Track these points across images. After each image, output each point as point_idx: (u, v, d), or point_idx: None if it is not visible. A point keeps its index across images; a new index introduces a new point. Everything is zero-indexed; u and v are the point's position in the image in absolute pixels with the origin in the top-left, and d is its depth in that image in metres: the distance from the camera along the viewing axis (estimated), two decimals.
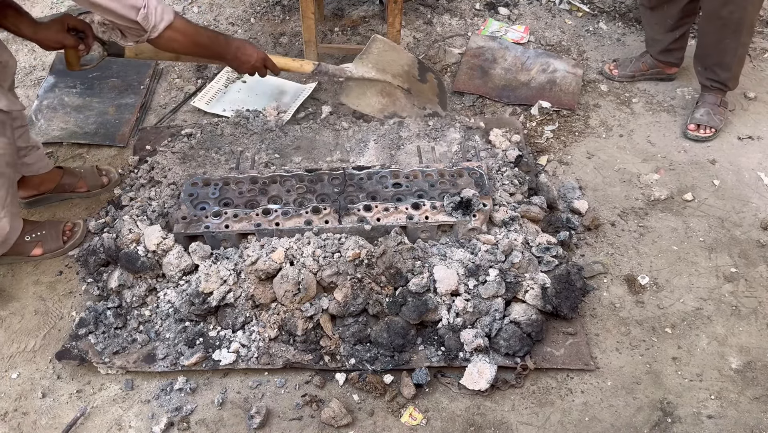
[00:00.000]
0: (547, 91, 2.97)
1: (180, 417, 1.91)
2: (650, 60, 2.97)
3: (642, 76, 3.02)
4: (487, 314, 2.02)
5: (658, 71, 3.00)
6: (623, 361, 2.05)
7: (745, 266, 2.32)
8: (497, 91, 2.97)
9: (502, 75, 3.05)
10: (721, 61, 2.65)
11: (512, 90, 2.98)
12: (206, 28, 2.45)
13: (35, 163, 2.34)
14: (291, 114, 2.80)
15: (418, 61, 2.81)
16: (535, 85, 3.00)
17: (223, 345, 2.02)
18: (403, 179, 2.26)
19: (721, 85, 2.72)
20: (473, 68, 3.07)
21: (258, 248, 2.08)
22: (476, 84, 3.00)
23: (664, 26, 2.81)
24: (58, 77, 3.00)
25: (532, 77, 3.04)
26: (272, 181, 2.25)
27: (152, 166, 2.47)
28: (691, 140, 2.74)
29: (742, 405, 1.96)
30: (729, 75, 2.69)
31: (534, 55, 3.15)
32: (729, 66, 2.66)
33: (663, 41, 2.86)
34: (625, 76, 3.01)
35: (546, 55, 3.16)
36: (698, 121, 2.73)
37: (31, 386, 2.00)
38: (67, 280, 2.25)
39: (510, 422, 1.91)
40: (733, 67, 2.66)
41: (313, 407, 1.92)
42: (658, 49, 2.91)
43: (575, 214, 2.44)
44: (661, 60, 2.95)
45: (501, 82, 3.02)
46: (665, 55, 2.92)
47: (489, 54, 3.14)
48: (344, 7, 3.44)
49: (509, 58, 3.13)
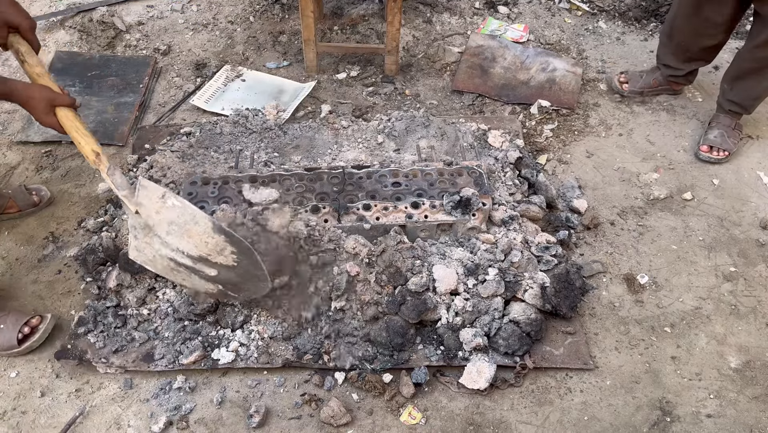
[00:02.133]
0: (546, 90, 2.96)
1: (179, 416, 1.91)
2: (661, 77, 2.90)
3: (651, 92, 2.94)
4: (487, 313, 2.02)
5: (668, 88, 2.93)
6: (622, 360, 2.05)
7: (744, 265, 2.32)
8: (497, 90, 2.97)
9: (502, 74, 3.05)
10: (750, 88, 2.57)
11: (512, 89, 2.98)
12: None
13: None
14: (290, 113, 2.79)
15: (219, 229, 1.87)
16: (534, 84, 3.00)
17: (222, 344, 2.02)
18: (402, 178, 2.25)
19: (740, 109, 2.64)
20: (473, 67, 3.06)
21: None
22: (476, 83, 3.00)
23: (682, 57, 2.74)
24: (57, 76, 2.99)
25: (532, 76, 3.03)
26: (271, 180, 2.25)
27: (151, 164, 2.47)
28: (703, 161, 2.66)
29: (740, 404, 1.96)
30: (754, 104, 2.62)
31: (533, 54, 3.15)
32: (758, 95, 2.59)
33: (679, 69, 2.80)
34: (634, 92, 2.94)
35: (545, 54, 3.16)
36: (711, 142, 2.65)
37: (30, 385, 2.00)
38: (66, 279, 2.25)
39: (509, 421, 1.91)
40: (761, 98, 2.61)
41: (312, 406, 1.92)
42: (669, 74, 2.85)
43: (575, 213, 2.44)
44: (672, 81, 2.88)
45: (500, 81, 3.01)
46: (676, 78, 2.86)
47: (488, 53, 3.14)
48: (344, 6, 3.43)
49: (509, 57, 3.13)
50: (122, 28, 3.27)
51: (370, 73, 3.07)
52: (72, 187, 2.55)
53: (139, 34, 3.27)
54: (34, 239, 2.38)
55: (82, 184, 2.56)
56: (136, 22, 3.33)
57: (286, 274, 1.97)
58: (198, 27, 3.33)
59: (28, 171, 2.61)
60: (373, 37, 3.26)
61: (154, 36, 3.26)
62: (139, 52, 3.18)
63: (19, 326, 2.02)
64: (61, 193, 2.53)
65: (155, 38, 3.25)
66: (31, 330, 2.04)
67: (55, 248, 2.34)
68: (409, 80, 3.05)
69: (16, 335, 2.00)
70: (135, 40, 3.24)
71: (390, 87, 3.00)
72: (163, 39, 3.25)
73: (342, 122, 2.72)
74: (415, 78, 3.06)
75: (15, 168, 2.63)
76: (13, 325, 2.02)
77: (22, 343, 2.01)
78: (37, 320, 2.06)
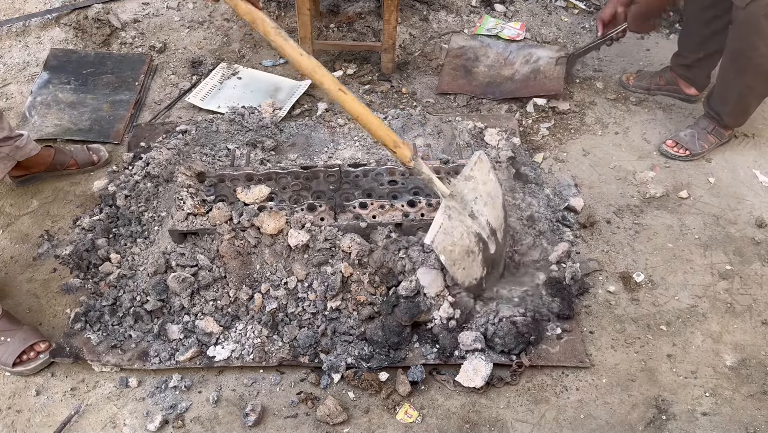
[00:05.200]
0: (531, 81, 2.94)
1: (175, 415, 1.90)
2: (669, 75, 2.88)
3: (658, 91, 2.92)
4: (480, 313, 2.03)
5: (676, 88, 2.88)
6: (618, 358, 2.05)
7: (739, 263, 2.32)
8: (482, 89, 2.94)
9: (486, 72, 3.02)
10: (722, 94, 2.54)
11: (497, 86, 2.96)
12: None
13: (25, 146, 2.31)
14: (286, 111, 2.79)
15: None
16: (519, 77, 2.98)
17: (218, 342, 2.02)
18: (399, 176, 2.25)
19: (716, 114, 2.60)
20: (456, 68, 3.04)
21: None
22: (460, 83, 2.97)
23: (691, 43, 2.71)
24: (52, 73, 2.98)
25: (516, 70, 3.01)
26: (267, 178, 2.24)
27: (147, 162, 2.46)
28: (663, 155, 2.66)
29: (736, 402, 1.96)
30: (726, 109, 2.55)
31: (516, 49, 3.13)
32: (727, 101, 2.53)
33: (687, 57, 2.76)
34: (640, 87, 2.93)
35: (528, 46, 3.14)
36: (679, 139, 2.65)
37: (25, 384, 1.99)
38: (61, 277, 2.24)
39: (505, 419, 1.91)
40: (732, 104, 2.53)
41: (309, 405, 1.92)
42: (679, 62, 2.81)
43: (571, 211, 2.44)
44: (680, 74, 2.84)
45: (485, 80, 2.99)
46: (685, 69, 2.81)
47: (471, 53, 3.12)
48: (340, 4, 3.43)
49: (492, 55, 3.11)
50: (118, 25, 3.26)
51: (366, 71, 3.07)
52: (67, 186, 2.54)
53: (134, 32, 3.26)
54: (29, 237, 2.37)
55: (78, 183, 2.55)
56: (131, 19, 3.32)
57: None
58: (194, 24, 3.31)
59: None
60: (369, 35, 3.25)
61: (150, 33, 3.25)
62: (134, 50, 3.16)
63: (24, 347, 1.98)
64: (56, 192, 2.52)
65: (151, 36, 3.24)
66: (34, 356, 2.00)
67: (50, 247, 2.33)
68: (406, 78, 3.05)
69: (15, 358, 1.97)
70: (130, 37, 3.22)
71: (386, 85, 3.00)
72: (158, 36, 3.24)
73: (338, 120, 2.71)
74: (412, 76, 3.06)
75: None
76: (19, 344, 1.98)
77: (15, 366, 1.98)
78: (45, 346, 2.01)
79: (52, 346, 2.02)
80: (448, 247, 1.87)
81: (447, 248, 1.87)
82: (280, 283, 2.07)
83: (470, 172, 1.96)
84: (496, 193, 2.03)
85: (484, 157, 2.02)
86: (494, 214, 2.01)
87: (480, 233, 1.96)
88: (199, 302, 2.06)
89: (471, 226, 1.93)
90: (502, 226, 2.06)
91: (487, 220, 1.99)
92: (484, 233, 1.98)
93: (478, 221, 1.96)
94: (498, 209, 2.04)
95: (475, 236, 1.95)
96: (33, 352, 2.00)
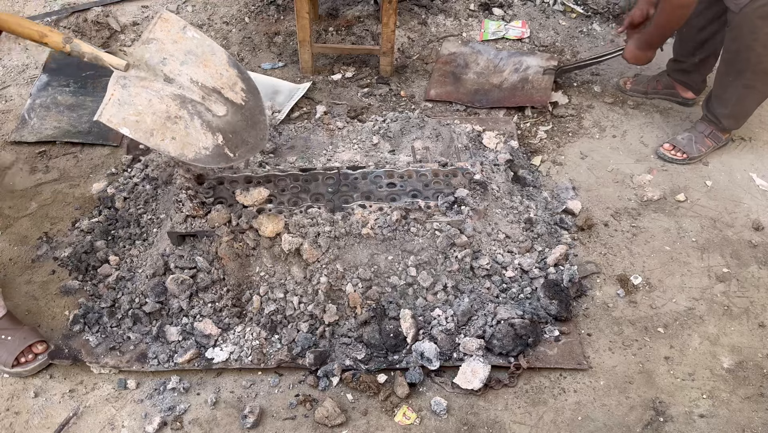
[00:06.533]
0: (519, 91, 2.93)
1: (173, 417, 1.90)
2: (666, 79, 2.89)
3: (655, 95, 2.93)
4: (477, 316, 2.03)
5: (673, 92, 2.90)
6: (616, 360, 2.06)
7: (737, 266, 2.33)
8: (469, 97, 2.93)
9: (475, 79, 3.01)
10: (720, 96, 2.55)
11: (484, 94, 2.94)
12: None
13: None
14: (285, 113, 2.79)
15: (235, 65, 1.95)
16: (507, 86, 2.97)
17: (217, 344, 2.02)
18: (397, 179, 2.26)
19: (714, 118, 2.62)
20: (445, 75, 3.03)
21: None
22: (448, 91, 2.95)
23: (686, 48, 2.72)
24: (51, 76, 2.98)
25: (505, 78, 3.00)
26: (266, 180, 2.25)
27: (146, 165, 2.46)
28: (660, 158, 2.68)
29: (733, 404, 1.97)
30: (724, 112, 2.57)
31: (507, 56, 3.12)
32: (725, 103, 2.55)
33: (683, 62, 2.78)
34: (637, 91, 2.94)
35: (519, 54, 3.14)
36: (677, 142, 2.66)
37: (24, 386, 1.99)
38: (60, 279, 2.24)
39: (503, 421, 1.91)
40: (731, 106, 2.54)
41: (307, 407, 1.92)
42: (675, 67, 2.83)
43: (568, 214, 2.45)
44: (677, 79, 2.86)
45: (473, 87, 2.97)
46: (681, 74, 2.83)
47: (461, 60, 3.11)
48: (339, 7, 3.44)
49: (482, 62, 3.10)
50: (117, 28, 3.26)
51: (365, 74, 3.08)
52: (66, 188, 2.54)
53: (133, 35, 3.27)
54: (27, 239, 2.37)
55: (77, 185, 2.55)
56: (130, 22, 3.33)
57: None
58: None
59: (22, 171, 2.61)
60: (368, 38, 3.26)
61: None
62: None
63: (24, 346, 1.97)
64: (55, 194, 2.52)
65: None
66: (31, 358, 1.99)
67: (49, 249, 2.33)
68: (404, 81, 3.06)
69: (14, 358, 1.96)
70: (130, 40, 3.23)
71: (385, 88, 3.01)
72: None
73: (337, 123, 2.72)
74: (410, 79, 3.07)
75: (9, 168, 2.62)
76: (19, 343, 1.98)
77: (14, 367, 1.97)
78: (43, 347, 2.01)
79: (50, 347, 2.03)
80: (130, 118, 1.69)
81: (130, 119, 1.69)
82: (279, 285, 2.08)
83: (149, 35, 1.79)
84: (202, 51, 1.84)
85: (169, 15, 1.85)
86: (208, 72, 1.82)
87: (182, 94, 1.76)
88: (197, 304, 2.07)
89: (163, 89, 1.74)
90: (236, 84, 1.85)
91: (193, 79, 1.79)
92: (189, 94, 1.78)
93: (178, 81, 1.77)
94: (216, 66, 1.84)
95: (175, 99, 1.74)
96: (31, 354, 2.00)
